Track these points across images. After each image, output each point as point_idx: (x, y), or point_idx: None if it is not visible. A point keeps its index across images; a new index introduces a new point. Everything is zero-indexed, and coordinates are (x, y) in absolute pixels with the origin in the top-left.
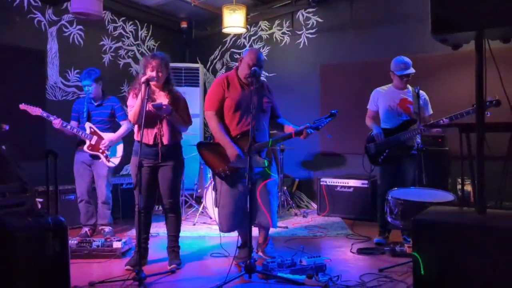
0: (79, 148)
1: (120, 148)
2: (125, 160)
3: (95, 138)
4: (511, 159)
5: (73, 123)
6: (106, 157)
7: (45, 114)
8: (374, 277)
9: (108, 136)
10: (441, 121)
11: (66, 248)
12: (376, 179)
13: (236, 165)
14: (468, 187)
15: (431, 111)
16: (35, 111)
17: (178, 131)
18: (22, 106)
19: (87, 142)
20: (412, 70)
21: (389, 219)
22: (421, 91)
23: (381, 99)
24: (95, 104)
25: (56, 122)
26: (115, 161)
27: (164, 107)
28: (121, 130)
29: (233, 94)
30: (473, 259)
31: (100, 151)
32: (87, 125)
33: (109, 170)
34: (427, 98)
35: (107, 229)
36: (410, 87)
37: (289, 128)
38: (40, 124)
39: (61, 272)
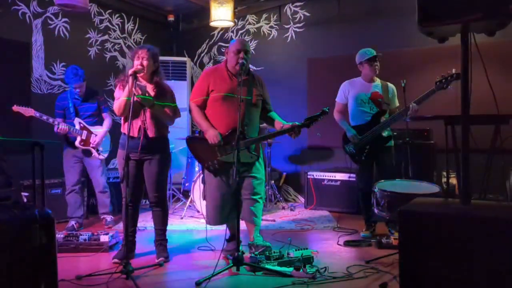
0: (69, 143)
1: (108, 141)
2: (113, 153)
3: (85, 132)
4: (495, 152)
5: (59, 119)
6: (97, 150)
7: (38, 115)
8: (360, 269)
9: (98, 132)
10: (411, 105)
11: (53, 240)
12: None
13: (225, 159)
14: (453, 180)
15: (397, 103)
16: (28, 112)
17: (164, 124)
18: (15, 108)
19: (79, 138)
20: (379, 54)
21: (376, 211)
22: (389, 84)
23: (352, 91)
24: (80, 99)
25: (64, 128)
26: (106, 154)
27: (146, 94)
28: (106, 124)
29: (221, 86)
30: (458, 248)
31: (91, 145)
32: (76, 120)
33: (101, 160)
34: (395, 91)
35: (108, 218)
36: (378, 80)
37: (279, 124)
38: (24, 117)
39: (49, 264)
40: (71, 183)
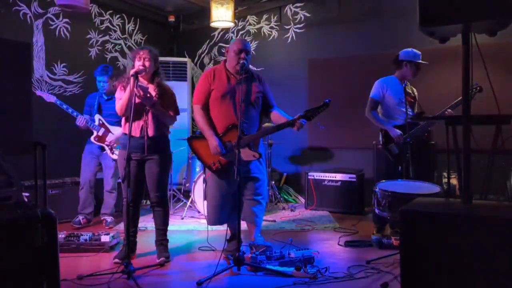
0: (89, 139)
1: None
2: None
3: (102, 130)
4: (497, 152)
5: (86, 116)
6: (111, 149)
7: (58, 102)
8: (361, 269)
9: (115, 131)
10: (446, 112)
11: (56, 240)
12: (363, 173)
13: (227, 157)
14: (454, 181)
15: None
16: (50, 98)
17: (165, 124)
18: (39, 93)
19: (95, 133)
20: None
21: (377, 211)
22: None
23: (391, 89)
24: (106, 98)
25: (82, 121)
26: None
27: (148, 95)
28: None
29: (219, 86)
30: (459, 248)
31: (106, 143)
32: (96, 116)
33: (116, 161)
34: None
35: (109, 219)
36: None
37: (280, 119)
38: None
39: (51, 263)
40: (83, 179)
